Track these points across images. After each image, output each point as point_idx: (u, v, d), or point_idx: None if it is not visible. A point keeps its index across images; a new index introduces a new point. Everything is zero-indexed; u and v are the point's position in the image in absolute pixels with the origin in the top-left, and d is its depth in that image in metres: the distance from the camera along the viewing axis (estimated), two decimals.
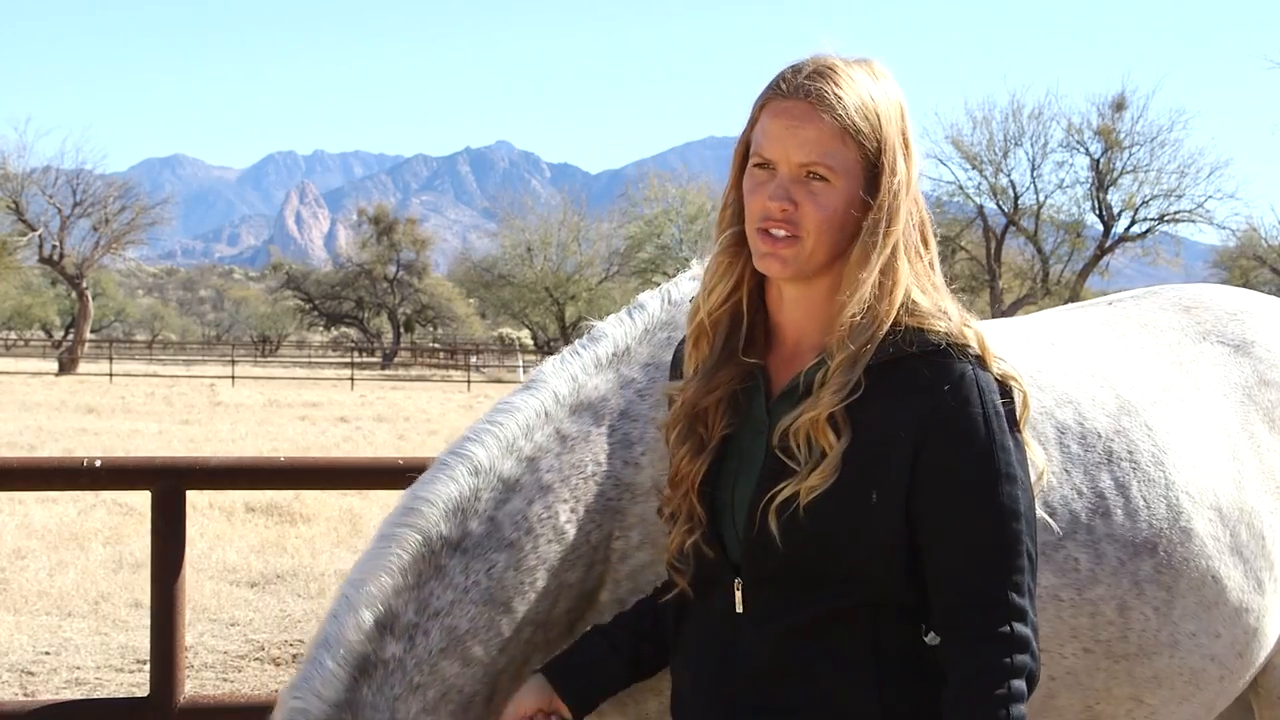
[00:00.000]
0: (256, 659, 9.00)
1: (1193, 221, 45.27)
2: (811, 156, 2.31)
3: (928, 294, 2.35)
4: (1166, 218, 45.27)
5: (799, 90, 2.33)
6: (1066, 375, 3.28)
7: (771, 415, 2.38)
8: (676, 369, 2.63)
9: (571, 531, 2.81)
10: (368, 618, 2.67)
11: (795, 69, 2.36)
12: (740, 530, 2.39)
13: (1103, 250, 45.14)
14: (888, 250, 2.32)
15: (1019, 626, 2.26)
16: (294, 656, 9.11)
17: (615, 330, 2.98)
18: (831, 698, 2.32)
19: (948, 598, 2.29)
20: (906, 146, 2.36)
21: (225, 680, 8.43)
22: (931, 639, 2.33)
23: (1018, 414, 2.35)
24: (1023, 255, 47.66)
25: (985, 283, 45.23)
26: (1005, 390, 2.35)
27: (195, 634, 9.24)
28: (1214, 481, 3.29)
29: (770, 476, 2.34)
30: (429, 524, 2.79)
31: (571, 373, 2.94)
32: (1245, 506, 3.32)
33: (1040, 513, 2.56)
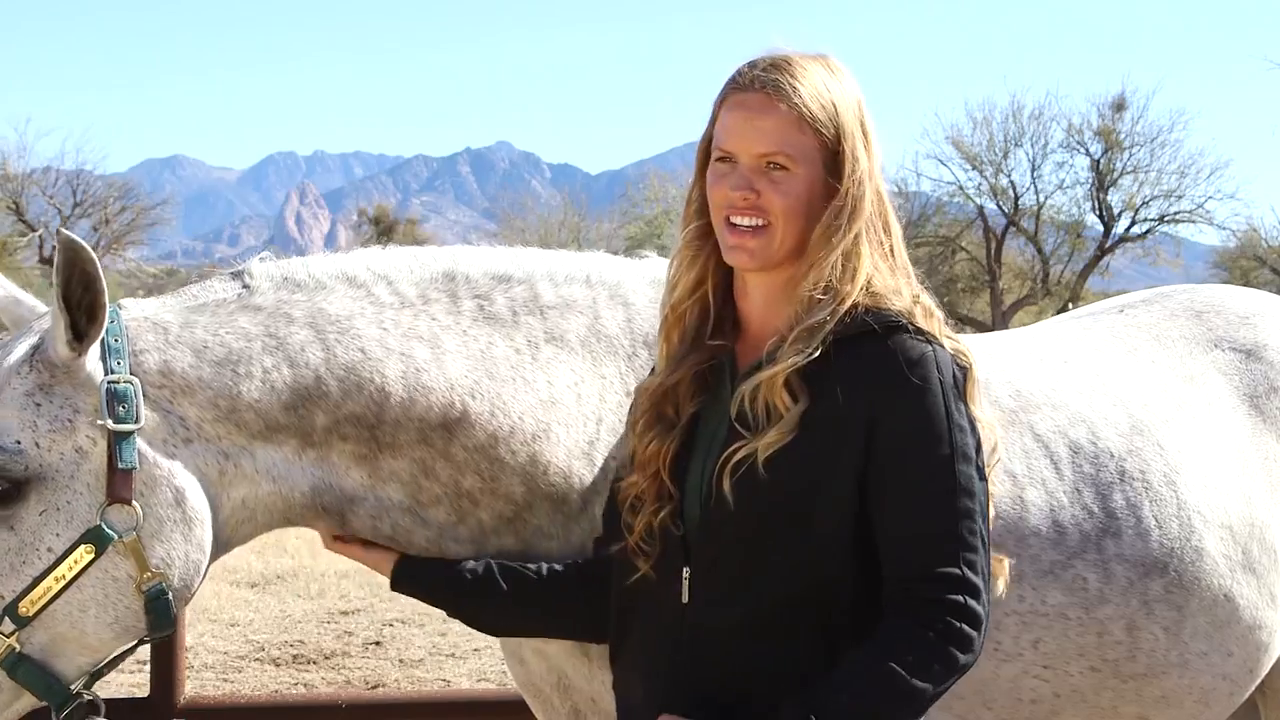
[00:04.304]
0: (256, 659, 9.01)
1: (1193, 222, 45.20)
2: (770, 146, 2.35)
3: (885, 277, 2.38)
4: (1167, 218, 45.19)
5: (755, 83, 2.37)
6: (1080, 394, 3.26)
7: (734, 393, 2.38)
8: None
9: (567, 402, 2.73)
10: (378, 266, 2.77)
11: (751, 64, 2.41)
12: (700, 506, 2.38)
13: (1103, 251, 45.06)
14: (850, 235, 2.35)
15: (972, 601, 2.23)
16: (294, 657, 9.12)
17: (664, 263, 3.01)
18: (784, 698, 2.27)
19: (900, 570, 2.27)
20: (866, 137, 2.39)
21: (225, 681, 8.43)
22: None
23: (966, 386, 2.37)
24: (1023, 256, 47.52)
25: (985, 283, 45.16)
26: (958, 364, 2.36)
27: (195, 634, 9.24)
28: (1225, 499, 3.26)
29: (729, 447, 2.33)
30: (466, 262, 2.81)
31: (619, 266, 2.96)
32: (1256, 521, 3.29)
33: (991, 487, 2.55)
